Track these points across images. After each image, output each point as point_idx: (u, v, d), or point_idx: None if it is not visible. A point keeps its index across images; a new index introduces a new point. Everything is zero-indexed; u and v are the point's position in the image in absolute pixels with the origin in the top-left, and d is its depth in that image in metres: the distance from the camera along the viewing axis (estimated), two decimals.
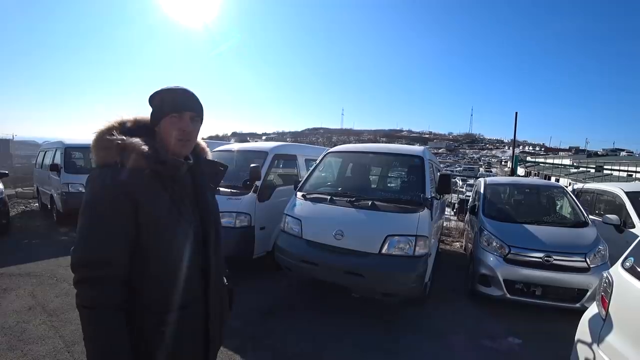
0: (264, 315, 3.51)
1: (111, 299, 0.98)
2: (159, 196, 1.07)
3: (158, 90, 1.17)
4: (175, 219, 1.10)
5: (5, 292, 3.88)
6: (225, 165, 1.35)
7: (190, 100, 1.17)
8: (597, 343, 2.09)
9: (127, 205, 1.01)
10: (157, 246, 1.06)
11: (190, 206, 1.17)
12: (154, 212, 1.05)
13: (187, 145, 1.17)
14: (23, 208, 9.40)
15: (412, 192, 3.74)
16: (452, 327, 3.47)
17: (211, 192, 1.30)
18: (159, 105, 1.15)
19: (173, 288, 1.08)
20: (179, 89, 1.17)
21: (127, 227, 1.02)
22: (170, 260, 1.09)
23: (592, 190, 6.15)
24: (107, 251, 0.99)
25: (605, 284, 2.19)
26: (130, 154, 1.03)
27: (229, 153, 5.55)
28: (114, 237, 1.00)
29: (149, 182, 1.06)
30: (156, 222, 1.06)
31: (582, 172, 34.80)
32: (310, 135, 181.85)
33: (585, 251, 3.73)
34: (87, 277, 0.98)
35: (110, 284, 0.99)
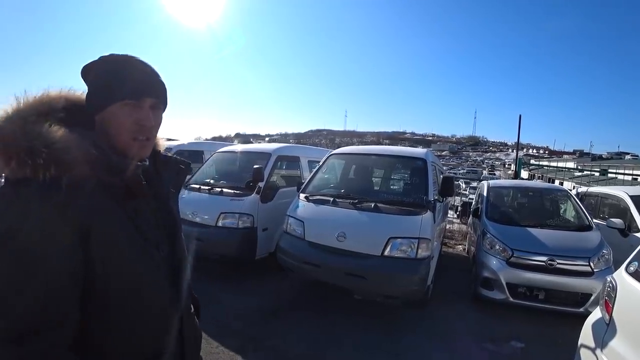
0: (265, 316, 3.51)
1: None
2: (114, 218, 0.75)
3: (100, 58, 0.82)
4: (140, 244, 0.80)
5: None
6: (186, 163, 1.04)
7: (151, 80, 0.83)
8: (601, 348, 2.07)
9: (72, 238, 0.68)
10: (119, 286, 0.75)
11: (153, 222, 0.86)
12: (110, 241, 0.73)
13: (147, 145, 0.84)
14: None
15: (414, 194, 3.74)
16: (454, 330, 3.46)
17: (174, 199, 0.99)
18: (103, 84, 0.79)
19: (144, 335, 0.81)
20: (135, 60, 0.82)
21: (73, 269, 0.68)
22: (137, 301, 0.79)
23: (596, 193, 6.12)
24: (50, 310, 0.65)
25: (609, 289, 2.18)
26: (67, 159, 0.68)
27: (232, 154, 5.57)
28: (57, 290, 0.66)
29: (97, 199, 0.72)
30: (115, 254, 0.74)
31: (587, 175, 34.60)
32: (314, 136, 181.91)
33: (589, 255, 3.70)
34: (27, 353, 0.62)
35: (59, 354, 0.66)
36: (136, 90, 0.79)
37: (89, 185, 0.71)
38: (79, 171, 0.69)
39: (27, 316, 0.63)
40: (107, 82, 0.79)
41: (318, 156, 5.92)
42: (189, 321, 0.97)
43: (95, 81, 0.80)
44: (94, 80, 0.81)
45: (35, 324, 0.63)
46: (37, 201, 0.66)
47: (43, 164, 0.66)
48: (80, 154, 0.70)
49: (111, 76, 0.79)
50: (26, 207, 0.65)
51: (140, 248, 0.80)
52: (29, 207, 0.65)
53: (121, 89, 0.78)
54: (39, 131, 0.69)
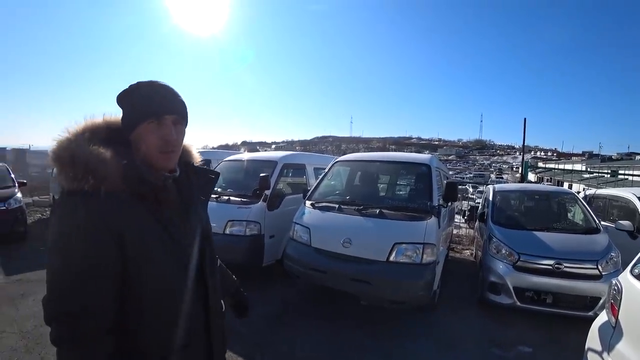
0: (272, 322, 3.55)
1: (101, 355, 0.82)
2: (146, 222, 0.89)
3: (129, 87, 0.95)
4: (168, 246, 0.92)
5: (23, 297, 3.99)
6: (216, 173, 1.16)
7: (170, 100, 0.95)
8: (608, 351, 2.07)
9: (109, 240, 0.82)
10: (150, 282, 0.89)
11: (182, 227, 0.98)
12: (142, 242, 0.87)
13: (173, 157, 0.96)
14: (39, 216, 9.65)
15: (419, 200, 3.77)
16: (461, 335, 3.46)
17: (202, 205, 1.11)
18: (132, 107, 0.93)
19: (173, 327, 0.92)
20: (156, 85, 0.95)
21: (111, 266, 0.83)
22: (167, 295, 0.92)
23: (605, 195, 6.07)
24: (90, 300, 0.81)
25: (615, 291, 2.18)
26: (105, 174, 0.83)
27: (239, 162, 5.65)
28: (96, 282, 0.81)
29: (130, 207, 0.87)
30: (146, 254, 0.88)
31: (596, 177, 34.11)
32: (320, 143, 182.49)
33: (597, 258, 3.68)
34: (69, 334, 0.80)
35: (98, 337, 0.81)
36: (157, 110, 0.92)
37: (122, 195, 0.85)
38: (113, 183, 0.83)
39: (75, 300, 0.80)
40: (134, 106, 0.93)
41: (323, 163, 5.97)
42: (216, 316, 1.07)
43: (126, 107, 0.95)
44: (125, 106, 0.95)
45: (81, 309, 0.80)
46: (81, 209, 0.81)
47: (85, 177, 0.81)
48: (114, 168, 0.84)
49: (136, 101, 0.93)
50: (73, 213, 0.81)
51: (168, 249, 0.93)
52: (75, 213, 0.81)
53: (145, 110, 0.92)
54: (84, 151, 0.84)
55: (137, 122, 0.92)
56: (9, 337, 3.11)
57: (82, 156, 0.83)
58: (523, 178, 15.44)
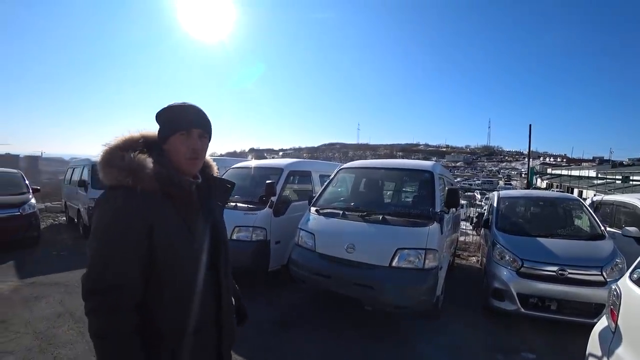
0: (277, 326, 3.61)
1: (128, 326, 0.96)
2: (172, 218, 1.05)
3: (165, 106, 1.16)
4: (189, 240, 1.09)
5: (37, 299, 4.13)
6: (232, 183, 1.33)
7: (198, 118, 1.17)
8: (607, 356, 2.09)
9: (141, 229, 0.99)
10: (171, 269, 1.04)
11: (201, 226, 1.14)
12: (167, 234, 1.03)
13: (197, 163, 1.16)
14: (52, 222, 9.87)
15: (422, 206, 3.81)
16: (465, 341, 3.47)
17: (219, 210, 1.28)
18: (166, 122, 1.14)
19: (189, 311, 1.07)
20: (187, 105, 1.16)
21: (141, 252, 0.99)
22: (185, 283, 1.07)
23: (612, 202, 6.02)
24: (122, 278, 0.97)
25: (614, 297, 2.21)
26: (142, 175, 1.01)
27: (246, 170, 5.76)
28: (128, 263, 0.98)
29: (161, 203, 1.04)
30: (170, 245, 1.04)
31: (608, 183, 33.58)
32: (327, 150, 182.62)
33: (602, 264, 3.66)
34: (102, 305, 0.95)
35: (126, 310, 0.97)
36: (187, 125, 1.13)
37: (155, 193, 1.03)
38: (148, 183, 1.02)
39: (110, 277, 0.96)
40: (169, 121, 1.14)
41: (329, 170, 6.05)
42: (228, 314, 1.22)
43: (162, 122, 1.15)
44: (161, 121, 1.15)
45: (114, 285, 0.96)
46: (120, 201, 0.99)
47: (126, 177, 1.00)
48: (150, 171, 1.03)
49: (171, 117, 1.14)
50: (114, 204, 1.00)
51: (189, 243, 1.09)
52: (115, 204, 1.00)
53: (178, 124, 1.13)
54: (126, 156, 1.03)
55: (170, 134, 1.13)
56: (23, 338, 3.23)
57: (126, 161, 1.02)
58: (529, 184, 15.32)
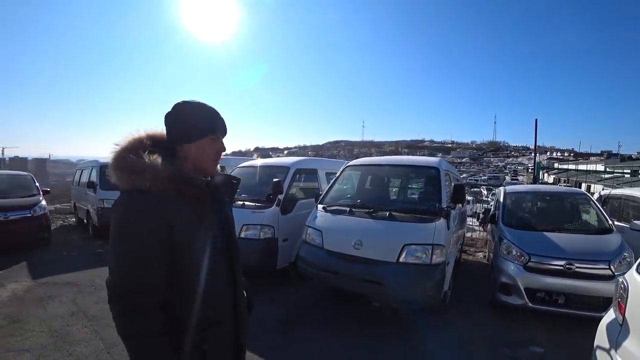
0: (286, 324, 3.66)
1: (156, 325, 0.98)
2: (189, 217, 1.07)
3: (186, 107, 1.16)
4: (206, 237, 1.11)
5: (50, 299, 4.23)
6: (237, 179, 1.35)
7: (223, 122, 1.23)
8: (615, 349, 2.10)
9: (163, 230, 1.01)
10: (192, 266, 1.07)
11: (216, 223, 1.18)
12: (186, 233, 1.05)
13: (217, 165, 1.24)
14: (61, 223, 10.03)
15: (428, 202, 3.84)
16: (473, 336, 3.50)
17: (228, 206, 1.32)
18: (195, 125, 1.14)
19: (210, 306, 1.10)
20: (213, 109, 1.19)
21: (163, 252, 1.01)
22: (205, 278, 1.09)
23: (620, 195, 5.99)
24: (147, 279, 0.98)
25: (621, 289, 2.21)
26: (157, 177, 1.02)
27: (253, 168, 5.81)
28: (153, 264, 0.99)
29: (178, 203, 1.05)
30: (189, 243, 1.06)
31: (616, 177, 33.18)
32: (332, 148, 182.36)
33: (609, 258, 3.66)
34: (130, 307, 0.96)
35: (153, 310, 0.99)
36: (216, 129, 1.19)
37: (170, 193, 1.04)
38: (164, 184, 1.03)
39: (135, 279, 0.97)
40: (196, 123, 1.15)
41: (334, 168, 6.08)
42: (242, 303, 1.26)
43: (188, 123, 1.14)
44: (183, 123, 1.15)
45: (140, 286, 0.97)
46: (143, 205, 1.01)
47: (142, 180, 1.01)
48: (165, 172, 1.04)
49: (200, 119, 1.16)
50: (137, 208, 1.01)
51: (206, 240, 1.11)
52: (138, 208, 1.00)
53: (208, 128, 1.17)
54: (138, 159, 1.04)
55: (201, 136, 1.15)
56: (38, 336, 3.31)
57: (140, 163, 1.03)
58: (535, 179, 15.24)
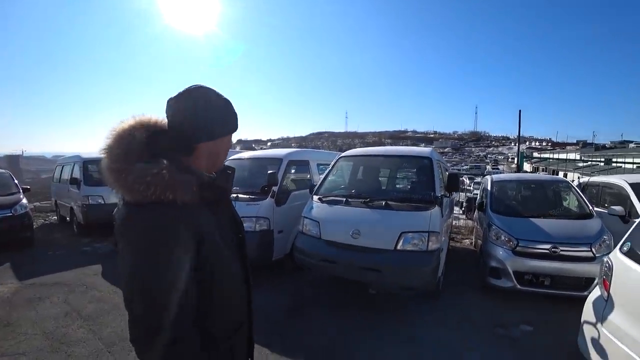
0: (288, 314, 3.73)
1: (195, 348, 0.89)
2: (212, 222, 0.98)
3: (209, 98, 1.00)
4: (227, 239, 1.04)
5: (40, 300, 4.09)
6: (232, 168, 1.20)
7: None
8: (601, 322, 2.28)
9: (192, 244, 0.87)
10: (220, 273, 0.98)
11: (229, 220, 1.11)
12: (214, 241, 0.95)
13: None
14: (42, 221, 9.72)
15: (422, 191, 3.95)
16: (466, 318, 3.66)
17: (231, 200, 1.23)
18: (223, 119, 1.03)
19: (234, 313, 1.06)
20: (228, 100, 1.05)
21: (192, 267, 0.88)
22: (229, 284, 1.02)
23: (598, 183, 6.29)
24: (186, 304, 0.86)
25: (606, 268, 2.39)
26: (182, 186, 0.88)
27: (244, 161, 5.79)
28: (188, 285, 0.86)
29: (201, 210, 0.94)
30: (220, 250, 0.97)
31: (591, 165, 34.54)
32: (315, 139, 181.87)
33: (591, 241, 3.88)
34: (169, 338, 0.82)
35: (193, 334, 0.89)
36: (237, 124, 1.08)
37: (195, 202, 0.91)
38: (187, 192, 0.88)
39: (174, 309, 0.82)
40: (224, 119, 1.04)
41: (326, 159, 6.13)
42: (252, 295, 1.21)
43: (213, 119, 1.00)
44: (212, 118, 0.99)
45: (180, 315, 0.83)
46: (169, 221, 0.85)
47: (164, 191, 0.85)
48: (184, 179, 0.89)
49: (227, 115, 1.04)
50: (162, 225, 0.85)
51: (227, 244, 1.02)
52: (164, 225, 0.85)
53: (234, 124, 1.07)
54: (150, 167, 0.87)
55: (225, 134, 1.04)
56: (33, 339, 3.20)
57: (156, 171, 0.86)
58: (519, 168, 15.75)
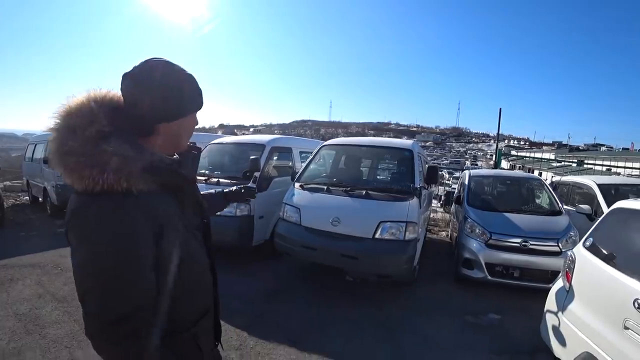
0: (266, 298, 3.77)
1: (156, 339, 0.84)
2: (174, 209, 0.90)
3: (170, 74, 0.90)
4: (190, 227, 0.97)
5: (12, 282, 3.96)
6: (197, 148, 1.11)
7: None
8: (562, 311, 2.43)
9: (151, 237, 0.81)
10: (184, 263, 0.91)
11: (192, 206, 1.01)
12: (175, 231, 0.88)
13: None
14: (13, 202, 9.35)
15: (402, 182, 4.04)
16: (439, 306, 3.81)
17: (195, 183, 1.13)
18: (185, 98, 0.93)
19: (199, 301, 1.01)
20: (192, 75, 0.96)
21: (153, 259, 0.82)
22: (194, 274, 0.97)
23: (569, 182, 6.58)
24: (144, 295, 0.80)
25: (569, 261, 2.54)
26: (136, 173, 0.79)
27: (227, 146, 5.73)
28: (146, 277, 0.80)
29: (162, 198, 0.87)
30: (178, 242, 0.89)
31: (564, 166, 35.89)
32: (299, 127, 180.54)
33: (558, 237, 4.08)
34: (130, 331, 0.78)
35: (152, 326, 0.83)
36: (202, 102, 1.00)
37: (153, 189, 0.83)
38: (145, 179, 0.81)
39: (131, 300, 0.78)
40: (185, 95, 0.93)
41: (309, 147, 6.13)
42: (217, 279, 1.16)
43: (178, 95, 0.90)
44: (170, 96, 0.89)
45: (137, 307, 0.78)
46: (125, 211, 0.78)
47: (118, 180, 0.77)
48: (142, 164, 0.81)
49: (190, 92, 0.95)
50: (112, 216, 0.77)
51: (191, 232, 0.96)
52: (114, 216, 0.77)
53: (199, 101, 0.98)
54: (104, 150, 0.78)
55: (188, 113, 0.95)
56: (5, 320, 3.11)
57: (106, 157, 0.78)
58: (496, 165, 16.23)
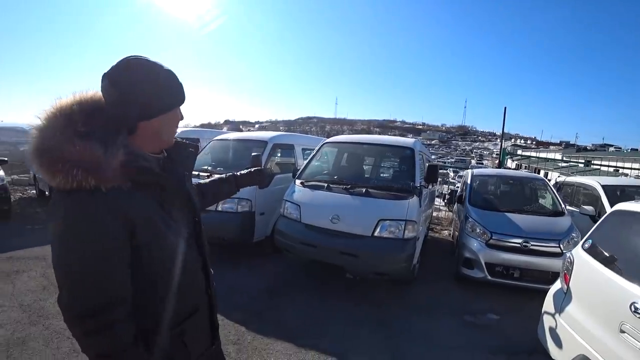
0: (265, 294, 3.79)
1: (130, 336, 0.85)
2: (151, 208, 0.91)
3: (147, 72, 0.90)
4: (173, 228, 0.96)
5: (17, 273, 3.99)
6: (195, 145, 1.14)
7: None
8: (559, 313, 2.42)
9: (123, 232, 0.83)
10: (161, 262, 0.93)
11: (178, 204, 1.01)
12: (151, 229, 0.89)
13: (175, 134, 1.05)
14: (20, 195, 9.45)
15: (403, 180, 4.04)
16: (438, 305, 3.80)
17: (188, 180, 1.13)
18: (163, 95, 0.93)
19: (185, 300, 1.00)
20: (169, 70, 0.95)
21: (126, 256, 0.85)
22: (179, 272, 0.97)
23: (573, 183, 6.52)
24: (113, 291, 0.82)
25: (568, 263, 2.52)
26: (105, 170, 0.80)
27: (229, 142, 5.74)
28: (118, 273, 0.83)
29: (135, 195, 0.87)
30: (156, 237, 0.90)
31: (571, 166, 35.47)
32: (304, 124, 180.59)
33: (560, 238, 4.05)
34: (98, 326, 0.81)
35: (124, 322, 0.84)
36: (183, 96, 0.99)
37: (126, 187, 0.84)
38: (114, 177, 0.81)
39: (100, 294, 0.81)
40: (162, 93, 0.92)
41: (311, 144, 6.13)
42: (212, 281, 1.17)
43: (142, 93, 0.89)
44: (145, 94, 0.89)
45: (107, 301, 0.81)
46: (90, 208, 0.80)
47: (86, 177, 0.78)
48: (113, 162, 0.82)
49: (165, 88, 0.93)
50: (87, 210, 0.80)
51: (173, 229, 0.96)
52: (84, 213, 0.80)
53: (178, 97, 0.98)
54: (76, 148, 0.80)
55: (166, 110, 0.94)
56: (10, 311, 3.14)
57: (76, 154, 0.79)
58: (500, 164, 16.11)
